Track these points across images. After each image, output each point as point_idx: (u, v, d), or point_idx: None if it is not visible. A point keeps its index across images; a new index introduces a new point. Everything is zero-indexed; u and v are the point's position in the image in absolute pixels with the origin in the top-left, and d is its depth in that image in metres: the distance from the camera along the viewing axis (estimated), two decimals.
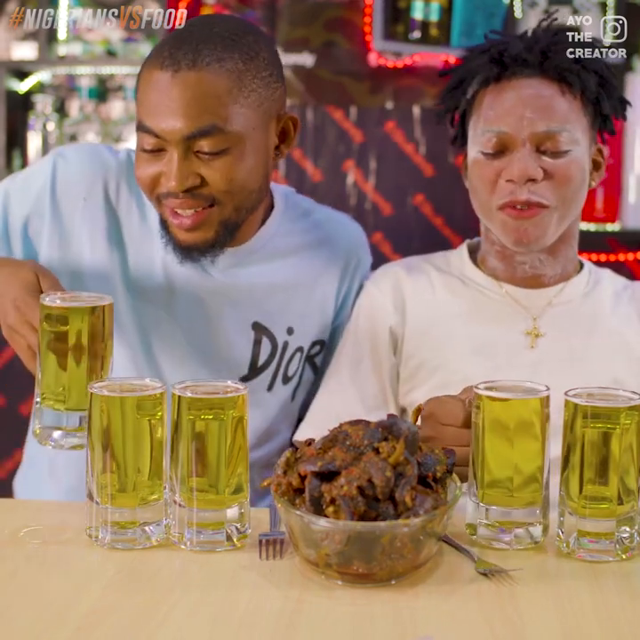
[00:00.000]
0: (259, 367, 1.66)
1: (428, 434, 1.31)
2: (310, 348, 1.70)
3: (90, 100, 3.27)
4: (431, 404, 1.34)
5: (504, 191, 1.51)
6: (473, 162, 1.57)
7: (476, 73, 1.56)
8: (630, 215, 3.11)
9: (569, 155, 1.52)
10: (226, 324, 1.64)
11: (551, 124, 1.50)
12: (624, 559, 1.18)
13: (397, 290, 1.65)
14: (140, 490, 1.20)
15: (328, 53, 3.19)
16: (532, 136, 1.50)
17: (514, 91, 1.53)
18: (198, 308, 1.62)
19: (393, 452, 1.12)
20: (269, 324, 1.67)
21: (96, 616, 1.03)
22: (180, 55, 1.45)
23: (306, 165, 3.21)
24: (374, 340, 1.63)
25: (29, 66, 3.24)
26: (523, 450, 1.19)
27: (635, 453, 1.17)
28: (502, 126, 1.51)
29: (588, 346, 1.57)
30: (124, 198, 1.63)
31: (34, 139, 3.22)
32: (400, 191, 3.24)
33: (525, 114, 1.50)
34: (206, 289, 1.62)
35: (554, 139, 1.51)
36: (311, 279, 1.70)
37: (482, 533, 1.21)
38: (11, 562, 1.16)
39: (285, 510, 1.13)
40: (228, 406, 1.18)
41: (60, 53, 3.20)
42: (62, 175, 1.62)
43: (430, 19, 3.12)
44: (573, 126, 1.52)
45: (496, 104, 1.53)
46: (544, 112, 1.51)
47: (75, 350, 1.30)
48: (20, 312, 1.40)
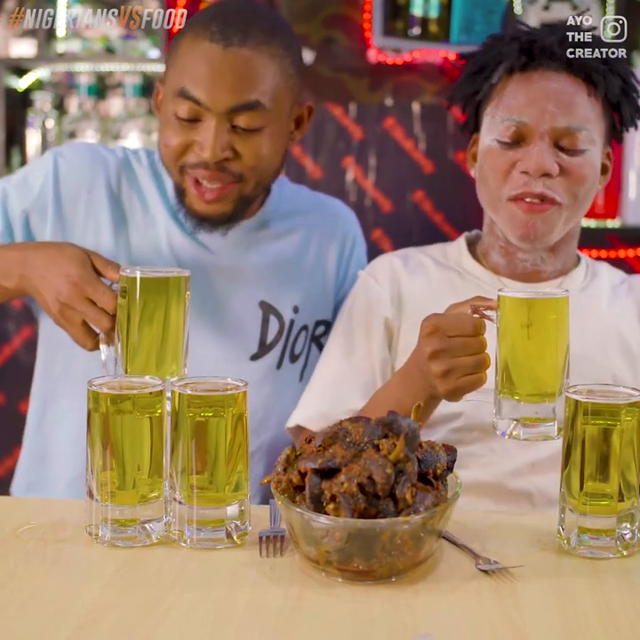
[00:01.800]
0: (267, 345, 1.71)
1: (437, 347, 1.30)
2: (315, 327, 1.74)
3: (89, 97, 3.26)
4: (433, 319, 1.32)
5: (517, 182, 1.50)
6: (486, 149, 1.54)
7: (502, 59, 1.54)
8: (630, 211, 3.10)
9: (585, 154, 1.51)
10: (234, 303, 1.69)
11: (572, 121, 1.49)
12: (625, 556, 1.18)
13: (394, 282, 1.64)
14: (140, 487, 1.20)
15: (327, 50, 3.18)
16: (552, 130, 1.49)
17: (539, 82, 1.51)
18: (206, 289, 1.67)
19: (393, 450, 1.11)
20: (275, 303, 1.71)
21: (96, 614, 1.03)
22: (230, 31, 1.52)
23: (305, 162, 3.21)
24: (368, 331, 1.62)
25: (28, 63, 3.23)
26: (547, 344, 1.24)
27: (635, 450, 1.17)
28: (523, 116, 1.50)
29: (584, 342, 1.56)
30: (126, 191, 1.68)
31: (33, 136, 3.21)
32: (400, 188, 3.24)
33: (548, 107, 1.49)
34: (213, 269, 1.68)
35: (573, 136, 1.49)
36: (313, 258, 1.76)
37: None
38: (11, 559, 1.16)
39: (285, 507, 1.12)
40: (228, 403, 1.18)
41: (58, 50, 3.19)
42: (64, 172, 1.66)
43: (430, 15, 3.11)
44: (592, 127, 1.51)
45: (519, 94, 1.51)
46: (567, 108, 1.49)
47: (168, 319, 1.37)
48: (78, 287, 1.42)
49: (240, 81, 1.52)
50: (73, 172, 1.66)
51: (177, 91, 1.54)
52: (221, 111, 1.52)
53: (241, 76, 1.52)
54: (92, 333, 1.45)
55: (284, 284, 1.72)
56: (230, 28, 1.53)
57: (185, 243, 1.68)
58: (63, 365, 1.70)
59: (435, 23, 3.12)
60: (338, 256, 1.78)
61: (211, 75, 1.51)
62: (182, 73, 1.54)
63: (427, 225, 3.19)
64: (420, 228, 3.20)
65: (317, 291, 1.76)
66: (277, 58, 1.55)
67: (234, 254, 1.69)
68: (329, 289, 1.77)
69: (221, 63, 1.51)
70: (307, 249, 1.76)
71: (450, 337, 1.30)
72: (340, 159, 3.22)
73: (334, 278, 1.78)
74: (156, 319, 1.37)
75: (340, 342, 1.64)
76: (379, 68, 3.19)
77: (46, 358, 1.73)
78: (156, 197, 1.69)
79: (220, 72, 1.51)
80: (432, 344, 1.31)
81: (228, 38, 1.52)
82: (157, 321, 1.37)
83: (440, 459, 1.16)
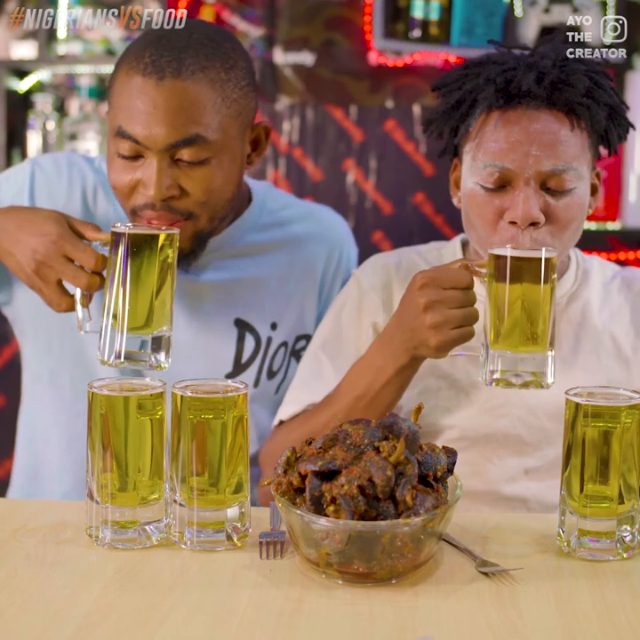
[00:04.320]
0: (243, 364, 1.67)
1: (432, 298, 1.36)
2: (295, 342, 1.71)
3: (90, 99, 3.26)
4: (429, 271, 1.39)
5: (506, 234, 1.45)
6: (470, 193, 1.49)
7: (479, 99, 1.48)
8: (631, 214, 3.10)
9: (572, 193, 1.46)
10: (208, 321, 1.65)
11: (558, 163, 1.43)
12: (625, 558, 1.18)
13: (387, 287, 1.61)
14: (140, 489, 1.20)
15: (328, 52, 3.18)
16: (538, 174, 1.43)
17: (519, 124, 1.44)
18: (180, 307, 1.62)
19: (393, 452, 1.11)
20: (252, 320, 1.67)
21: (96, 615, 1.03)
22: (163, 62, 1.44)
23: (306, 164, 3.21)
24: (358, 331, 1.60)
25: (29, 65, 3.23)
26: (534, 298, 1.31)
27: (635, 452, 1.17)
28: (506, 162, 1.44)
29: (577, 350, 1.56)
30: (102, 205, 1.65)
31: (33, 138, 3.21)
32: (400, 190, 3.24)
33: (531, 151, 1.43)
34: (187, 287, 1.63)
35: (559, 177, 1.44)
36: (292, 274, 1.70)
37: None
38: (11, 561, 1.16)
39: (286, 510, 1.12)
40: (229, 406, 1.18)
41: (59, 52, 3.20)
42: (40, 182, 1.63)
43: (430, 17, 3.11)
44: (580, 162, 1.46)
45: (500, 137, 1.45)
46: (551, 149, 1.43)
47: (162, 273, 1.36)
48: (57, 245, 1.41)
49: (177, 116, 1.44)
50: (49, 184, 1.63)
51: (115, 129, 1.48)
52: (160, 148, 1.45)
53: (177, 110, 1.44)
54: (67, 294, 1.44)
55: (260, 300, 1.67)
56: (163, 58, 1.44)
57: None
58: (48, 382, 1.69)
59: (435, 26, 3.12)
60: (323, 268, 1.73)
61: (145, 111, 1.44)
62: (118, 110, 1.47)
63: (427, 227, 3.19)
64: (420, 231, 3.20)
65: (297, 307, 1.71)
66: (218, 83, 1.47)
67: (208, 270, 1.64)
68: (311, 303, 1.72)
69: (155, 98, 1.43)
70: (288, 262, 1.70)
71: (444, 289, 1.36)
72: (341, 161, 3.22)
73: (317, 292, 1.73)
74: (149, 274, 1.35)
75: (328, 342, 1.62)
76: (379, 70, 3.19)
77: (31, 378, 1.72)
78: None
79: (155, 108, 1.43)
80: (428, 295, 1.36)
81: (160, 71, 1.44)
82: (150, 276, 1.35)
83: (440, 461, 1.16)
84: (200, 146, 1.46)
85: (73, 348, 1.65)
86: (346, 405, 1.49)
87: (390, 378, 1.45)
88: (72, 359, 1.65)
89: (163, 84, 1.44)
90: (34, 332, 1.67)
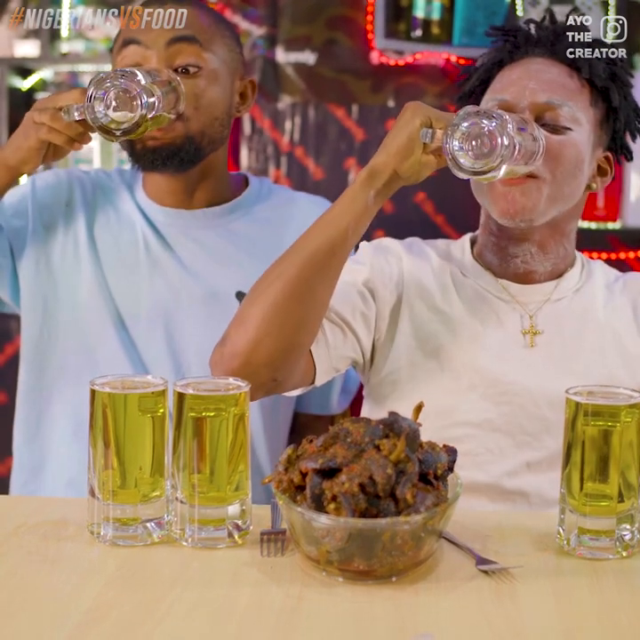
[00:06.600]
0: None
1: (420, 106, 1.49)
2: None
3: None
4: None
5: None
6: None
7: (490, 54, 1.59)
8: (631, 213, 3.10)
9: (568, 134, 1.50)
10: (219, 290, 1.72)
11: (553, 97, 1.50)
12: (624, 557, 1.18)
13: (398, 260, 1.62)
14: (141, 486, 1.20)
15: (330, 51, 3.18)
16: (533, 105, 1.50)
17: (522, 66, 1.55)
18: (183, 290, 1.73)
19: (394, 450, 1.12)
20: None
21: (97, 612, 1.04)
22: None
23: (307, 163, 3.21)
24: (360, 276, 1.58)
25: (32, 63, 3.24)
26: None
27: (635, 451, 1.18)
28: (505, 95, 1.52)
29: (581, 343, 1.56)
30: (101, 204, 1.77)
31: None
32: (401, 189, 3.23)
33: (529, 85, 1.51)
34: (188, 275, 1.72)
35: (554, 111, 1.50)
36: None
37: None
38: (12, 558, 1.16)
39: (286, 507, 1.13)
40: (230, 403, 1.18)
41: (62, 51, 3.21)
42: (42, 185, 1.76)
43: (432, 17, 3.12)
44: (576, 105, 1.52)
45: (504, 77, 1.55)
46: (547, 84, 1.51)
47: None
48: (33, 107, 1.54)
49: (177, 19, 1.64)
50: (51, 187, 1.76)
51: (120, 43, 1.67)
52: (160, 46, 1.63)
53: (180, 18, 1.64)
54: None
55: (261, 272, 1.71)
56: None
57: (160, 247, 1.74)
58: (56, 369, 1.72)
59: (437, 25, 3.12)
60: None
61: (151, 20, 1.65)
62: (122, 30, 1.69)
63: (428, 226, 3.19)
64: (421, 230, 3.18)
65: None
66: (216, 18, 1.71)
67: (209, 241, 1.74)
68: None
69: (163, 14, 1.65)
70: (285, 237, 1.70)
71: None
72: (342, 160, 3.22)
73: None
74: None
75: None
76: (381, 69, 3.19)
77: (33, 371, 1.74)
78: (132, 206, 1.76)
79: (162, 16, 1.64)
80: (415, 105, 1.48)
81: None
82: None
83: (441, 459, 1.17)
84: (195, 48, 1.65)
85: (76, 334, 1.71)
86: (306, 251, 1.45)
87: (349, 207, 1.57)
88: (74, 346, 1.72)
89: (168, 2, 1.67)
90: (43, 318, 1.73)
